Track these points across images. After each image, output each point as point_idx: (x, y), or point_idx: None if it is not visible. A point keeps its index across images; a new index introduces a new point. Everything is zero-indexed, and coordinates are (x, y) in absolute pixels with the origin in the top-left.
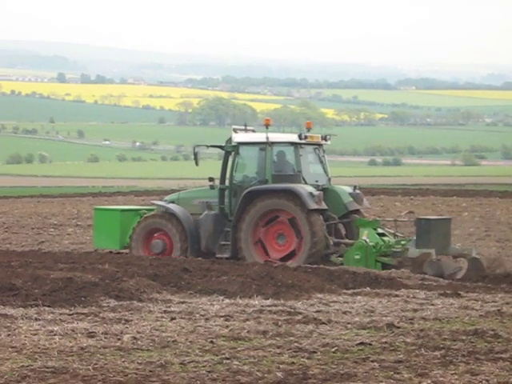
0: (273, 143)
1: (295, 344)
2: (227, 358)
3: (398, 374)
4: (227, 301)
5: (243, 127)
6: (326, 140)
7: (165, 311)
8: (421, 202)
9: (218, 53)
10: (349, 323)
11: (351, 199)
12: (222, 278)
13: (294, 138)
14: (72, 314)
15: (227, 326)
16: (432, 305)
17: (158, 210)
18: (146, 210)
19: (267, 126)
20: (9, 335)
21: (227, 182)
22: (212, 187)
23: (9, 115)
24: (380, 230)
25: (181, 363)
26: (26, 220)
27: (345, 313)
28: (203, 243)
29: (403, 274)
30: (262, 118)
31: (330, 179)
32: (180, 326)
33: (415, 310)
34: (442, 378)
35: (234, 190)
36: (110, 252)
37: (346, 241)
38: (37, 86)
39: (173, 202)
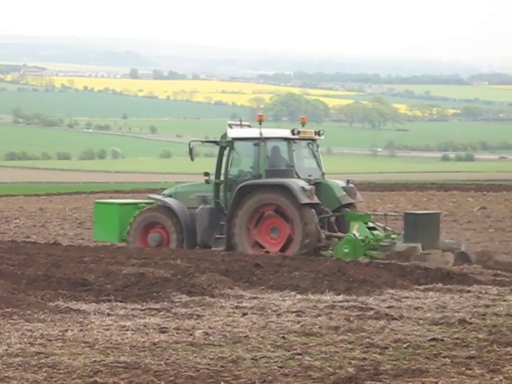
0: (266, 139)
1: (367, 340)
2: (299, 354)
3: (469, 369)
4: (299, 296)
5: (239, 122)
6: (319, 135)
7: (236, 307)
8: (493, 197)
9: (290, 48)
10: (421, 319)
11: (344, 193)
12: (294, 274)
13: (286, 133)
14: (144, 310)
15: (299, 322)
16: (504, 300)
17: (155, 204)
18: (145, 203)
19: (260, 121)
20: (81, 330)
21: (222, 177)
22: (207, 182)
23: (82, 111)
24: (371, 224)
25: (252, 359)
26: None
27: (417, 308)
28: (199, 236)
29: (475, 270)
30: (335, 113)
31: (323, 173)
32: (252, 322)
33: (487, 306)
34: None
35: (228, 184)
36: (182, 247)
37: (338, 234)
38: (109, 82)
39: (170, 196)
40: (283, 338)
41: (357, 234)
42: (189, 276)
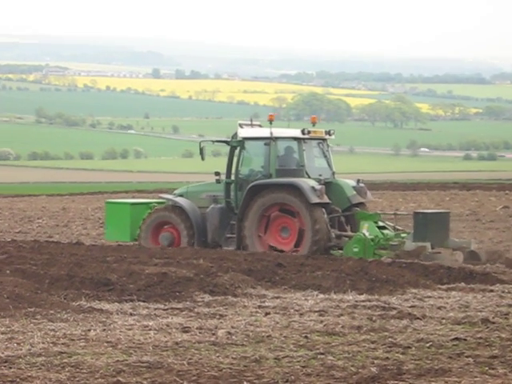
0: (277, 138)
1: (389, 339)
2: (321, 353)
3: (492, 369)
4: (321, 296)
5: (249, 122)
6: (329, 135)
7: (259, 306)
8: None
9: (312, 48)
10: (443, 318)
11: (354, 192)
12: (317, 273)
13: (297, 133)
14: (167, 309)
15: (321, 321)
16: None
17: (166, 204)
18: (156, 203)
19: (271, 121)
20: (104, 330)
21: (233, 177)
22: (218, 181)
23: (104, 111)
24: (380, 223)
25: (275, 358)
26: None
27: (439, 308)
28: (209, 236)
29: (498, 269)
30: (357, 113)
31: (334, 173)
32: (274, 321)
33: (510, 305)
34: None
35: (239, 183)
36: (205, 247)
37: (347, 233)
38: (132, 82)
39: (181, 195)
40: (306, 337)
41: (366, 234)
42: (211, 275)
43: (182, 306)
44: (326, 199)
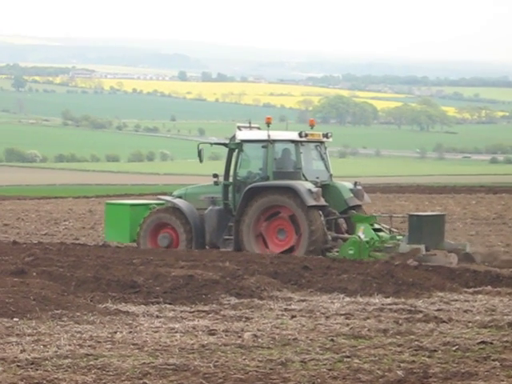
0: (274, 141)
1: (416, 342)
2: (347, 357)
3: None
4: (348, 299)
5: (248, 125)
6: (327, 137)
7: (285, 309)
8: None
9: (338, 51)
10: (470, 322)
11: (351, 195)
12: (343, 276)
13: (294, 135)
14: (193, 312)
15: (348, 324)
16: None
17: (165, 205)
18: (156, 204)
19: (268, 123)
20: (130, 332)
21: (231, 179)
22: (216, 183)
23: (130, 113)
24: (376, 226)
25: (301, 361)
26: None
27: (466, 311)
28: (207, 237)
29: None
30: (383, 116)
31: (331, 175)
32: (300, 324)
33: None
34: None
35: (237, 186)
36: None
37: (343, 236)
38: (158, 85)
39: (180, 197)
40: (332, 340)
41: (362, 236)
42: (237, 278)
43: (208, 308)
44: (322, 202)
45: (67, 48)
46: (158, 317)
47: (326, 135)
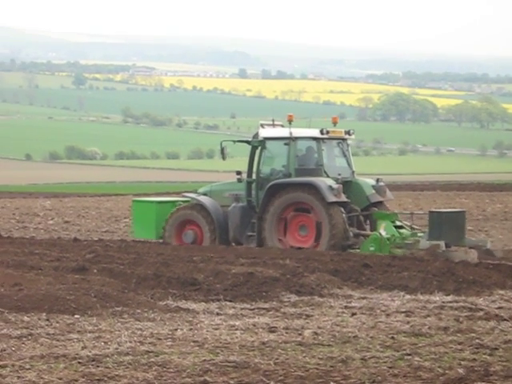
0: (296, 138)
1: (477, 340)
2: (408, 354)
3: None
4: (408, 296)
5: (271, 122)
6: (349, 134)
7: (345, 307)
8: None
9: (398, 48)
10: None
11: (373, 191)
12: (403, 274)
13: (316, 133)
14: (253, 309)
15: (408, 322)
16: None
17: (190, 202)
18: (182, 201)
19: (290, 121)
20: (191, 329)
21: (254, 176)
22: (239, 180)
23: (190, 111)
24: (398, 223)
25: (362, 359)
26: None
27: None
28: (231, 234)
29: None
30: (443, 113)
31: (353, 172)
32: (361, 322)
33: None
34: None
35: (260, 183)
36: (291, 247)
37: (365, 232)
38: (218, 82)
39: (205, 194)
40: (392, 338)
41: (383, 233)
42: (298, 276)
43: (268, 305)
44: (343, 198)
45: (128, 46)
46: (218, 314)
47: (347, 132)
